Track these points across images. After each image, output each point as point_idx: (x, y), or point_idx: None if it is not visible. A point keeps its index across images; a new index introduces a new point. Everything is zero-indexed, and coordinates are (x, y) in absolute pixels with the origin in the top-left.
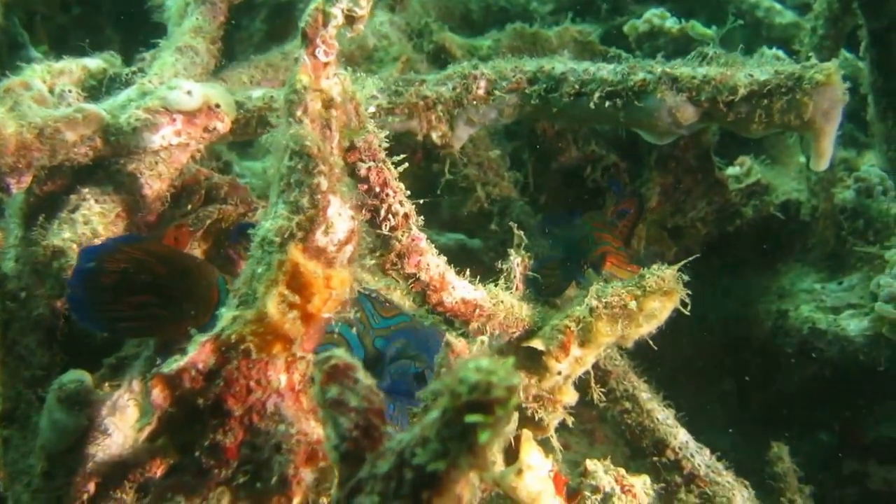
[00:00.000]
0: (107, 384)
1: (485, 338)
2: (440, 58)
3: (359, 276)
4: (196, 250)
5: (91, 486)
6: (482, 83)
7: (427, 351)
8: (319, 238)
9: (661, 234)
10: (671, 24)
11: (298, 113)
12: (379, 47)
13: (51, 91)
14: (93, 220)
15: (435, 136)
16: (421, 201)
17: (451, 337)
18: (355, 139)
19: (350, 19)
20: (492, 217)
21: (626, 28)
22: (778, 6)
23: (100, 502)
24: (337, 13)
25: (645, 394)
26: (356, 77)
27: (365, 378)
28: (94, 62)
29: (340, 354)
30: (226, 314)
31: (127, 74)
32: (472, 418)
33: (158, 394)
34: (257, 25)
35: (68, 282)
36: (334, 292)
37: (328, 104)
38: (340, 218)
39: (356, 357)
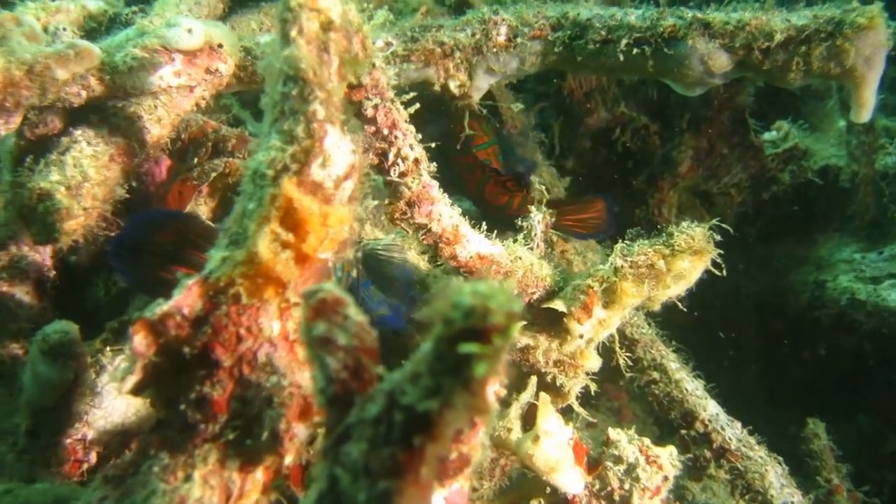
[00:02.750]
0: (109, 349)
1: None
2: (462, 11)
3: (359, 215)
4: (203, 207)
5: (93, 457)
6: (503, 29)
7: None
8: (316, 172)
9: (693, 201)
10: None
11: (293, 33)
12: None
13: (45, 29)
14: (83, 162)
15: (453, 85)
16: (433, 145)
17: (455, 281)
18: (361, 73)
19: None
20: None
21: None
22: None
23: (101, 472)
24: None
25: (673, 363)
26: (363, 8)
27: (355, 314)
28: (95, 3)
29: (329, 288)
30: (214, 255)
31: (127, 14)
32: (466, 348)
33: (141, 340)
34: None
35: (111, 245)
36: (331, 231)
37: (327, 26)
38: (339, 150)
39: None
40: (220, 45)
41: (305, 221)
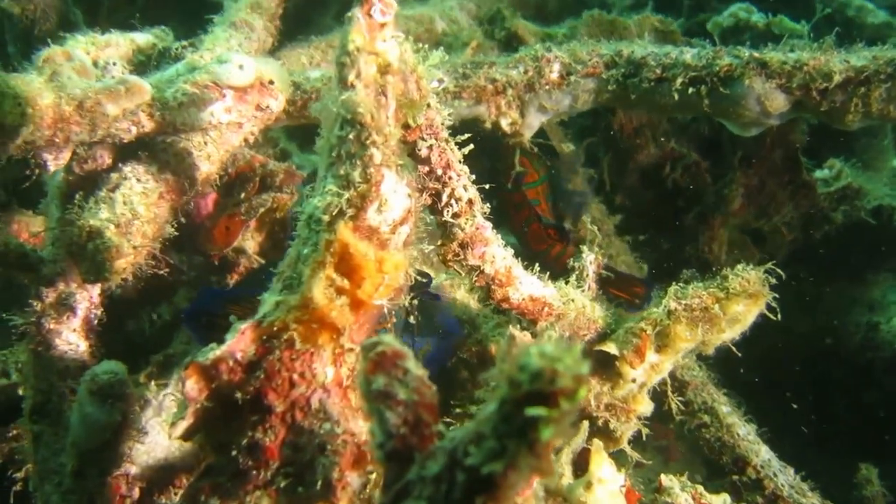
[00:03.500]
0: (153, 383)
1: (553, 332)
2: (512, 46)
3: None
4: (250, 241)
5: (136, 492)
6: (556, 67)
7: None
8: (372, 216)
9: (743, 238)
10: (758, 18)
11: (351, 77)
12: (448, 32)
13: (95, 64)
14: (133, 199)
15: (504, 123)
16: (486, 186)
17: (514, 330)
18: (418, 116)
19: None
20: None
21: (709, 24)
22: (870, 5)
23: None
24: None
25: (724, 407)
26: (418, 48)
27: (416, 368)
28: (144, 36)
29: (389, 340)
30: (268, 299)
31: (177, 49)
32: (533, 411)
33: (193, 385)
34: (328, 22)
35: (185, 315)
36: (387, 277)
37: (384, 69)
38: (396, 195)
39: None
40: (272, 82)
41: (361, 267)
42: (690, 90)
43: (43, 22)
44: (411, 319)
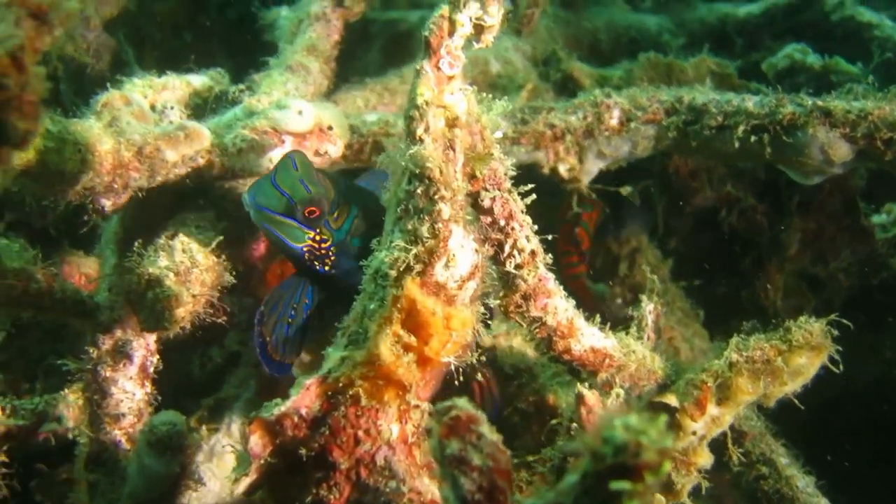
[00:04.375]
0: (204, 427)
1: (620, 390)
2: (567, 87)
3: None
4: None
5: None
6: (615, 113)
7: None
8: (439, 272)
9: (800, 284)
10: (813, 60)
11: (419, 131)
12: (503, 74)
13: (152, 107)
14: (192, 247)
15: (562, 168)
16: (549, 237)
17: (582, 388)
18: (485, 169)
19: (479, 29)
20: (619, 260)
21: (764, 64)
22: None
23: None
24: (465, 21)
25: (783, 458)
26: (482, 98)
27: (490, 433)
28: (199, 79)
29: (463, 405)
30: (332, 354)
31: (234, 92)
32: (618, 486)
33: (257, 441)
34: (373, 56)
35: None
36: (455, 334)
37: (452, 122)
38: (463, 250)
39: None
40: (330, 128)
41: (428, 324)
42: (752, 138)
43: (96, 61)
44: (479, 377)
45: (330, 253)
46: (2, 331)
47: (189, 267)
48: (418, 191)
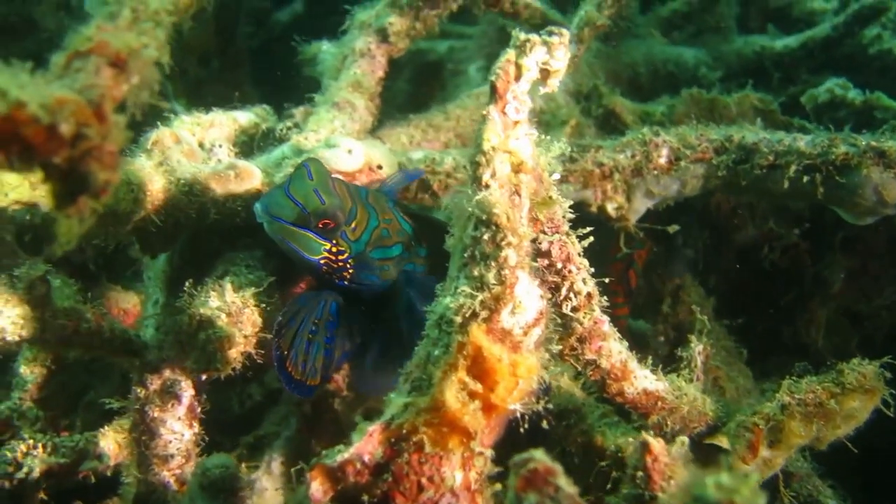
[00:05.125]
0: (244, 465)
1: (685, 438)
2: (609, 123)
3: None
4: None
5: None
6: (664, 151)
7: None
8: (505, 319)
9: (842, 321)
10: (854, 95)
11: (486, 177)
12: (546, 110)
13: (200, 145)
14: (243, 288)
15: (610, 207)
16: (606, 280)
17: (647, 437)
18: (551, 213)
19: (545, 73)
20: (663, 297)
21: (804, 98)
22: None
23: None
24: (531, 66)
25: (831, 501)
26: (540, 140)
27: (568, 485)
28: (246, 116)
29: (540, 457)
30: (395, 400)
31: (281, 130)
32: None
33: (318, 487)
34: (401, 85)
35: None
36: (521, 381)
37: (518, 168)
38: (529, 297)
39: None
40: (380, 167)
41: (494, 370)
42: (804, 178)
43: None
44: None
45: (348, 265)
46: (43, 367)
47: (241, 307)
48: (485, 237)
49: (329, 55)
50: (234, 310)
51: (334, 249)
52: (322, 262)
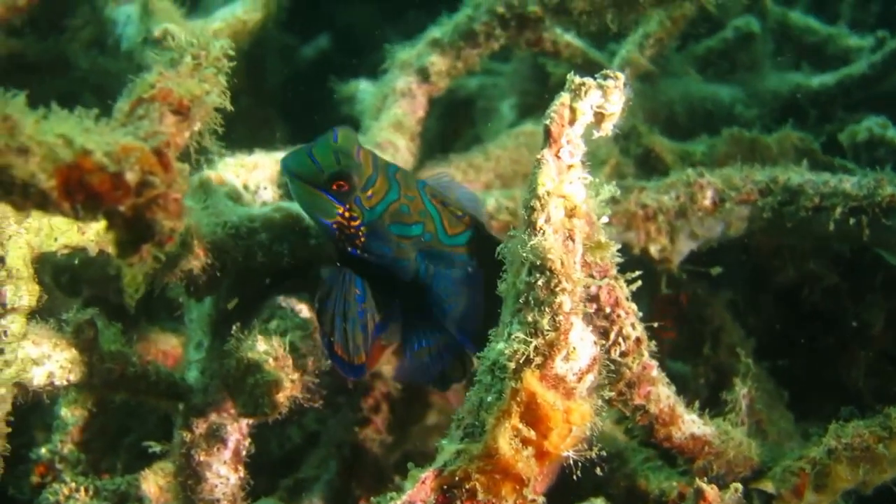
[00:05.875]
0: None
1: (738, 485)
2: (648, 162)
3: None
4: (386, 366)
5: None
6: (708, 193)
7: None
8: (559, 365)
9: (883, 364)
10: (893, 134)
11: (540, 221)
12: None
13: (245, 187)
14: (290, 331)
15: (653, 249)
16: (655, 325)
17: (702, 483)
18: (605, 258)
19: (599, 117)
20: (703, 339)
21: (842, 136)
22: None
23: None
24: (586, 110)
25: None
26: (590, 182)
27: None
28: None
29: None
30: (448, 447)
31: None
32: None
33: None
34: (429, 122)
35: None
36: (574, 428)
37: (571, 212)
38: (583, 343)
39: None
40: None
41: (548, 417)
42: (850, 220)
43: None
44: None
45: (360, 233)
46: (84, 409)
47: (287, 352)
48: (539, 283)
49: (368, 94)
50: (280, 354)
51: (347, 214)
52: (335, 226)
